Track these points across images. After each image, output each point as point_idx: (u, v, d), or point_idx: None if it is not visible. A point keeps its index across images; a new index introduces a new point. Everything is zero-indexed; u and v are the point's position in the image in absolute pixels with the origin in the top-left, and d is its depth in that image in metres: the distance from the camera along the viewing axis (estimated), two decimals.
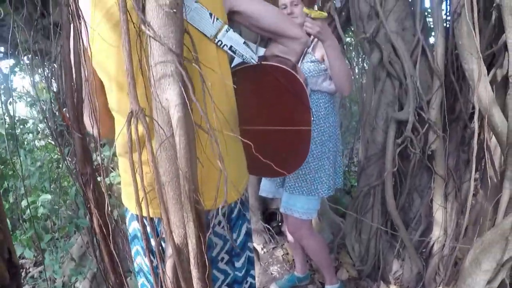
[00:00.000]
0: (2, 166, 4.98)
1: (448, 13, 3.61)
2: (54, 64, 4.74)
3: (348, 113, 8.23)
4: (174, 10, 1.30)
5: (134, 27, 1.30)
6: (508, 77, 2.57)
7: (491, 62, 3.23)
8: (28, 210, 3.75)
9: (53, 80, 5.10)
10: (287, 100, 1.94)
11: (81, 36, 1.37)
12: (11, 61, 6.15)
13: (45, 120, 4.64)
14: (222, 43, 1.70)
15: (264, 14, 1.82)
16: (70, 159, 4.72)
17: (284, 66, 1.87)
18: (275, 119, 1.96)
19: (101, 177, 1.35)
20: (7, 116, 5.28)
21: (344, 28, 4.38)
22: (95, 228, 1.47)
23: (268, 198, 4.40)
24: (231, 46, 1.72)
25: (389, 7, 3.62)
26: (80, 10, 1.32)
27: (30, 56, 5.39)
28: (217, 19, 1.65)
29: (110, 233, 1.46)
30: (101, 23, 1.59)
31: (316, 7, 2.62)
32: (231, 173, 1.77)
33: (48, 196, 3.74)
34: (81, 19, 1.29)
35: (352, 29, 4.34)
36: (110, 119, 1.81)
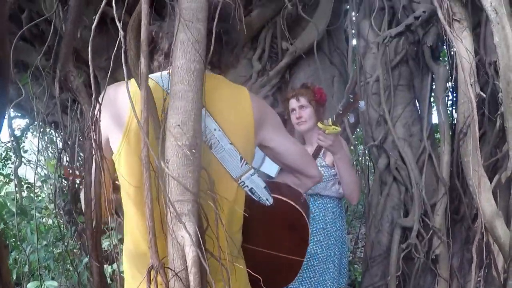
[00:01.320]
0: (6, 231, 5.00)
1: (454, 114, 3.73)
2: (68, 141, 4.80)
3: None
4: (194, 151, 1.37)
5: (152, 166, 1.36)
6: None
7: (495, 164, 3.35)
8: None
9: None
10: (290, 232, 1.99)
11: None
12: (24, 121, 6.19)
13: (54, 198, 4.65)
14: (244, 183, 1.73)
15: (290, 153, 1.91)
16: (76, 240, 4.74)
17: (295, 205, 1.92)
18: (274, 244, 1.99)
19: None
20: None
21: (353, 130, 4.47)
22: None
23: None
24: (251, 188, 1.75)
25: (397, 113, 3.75)
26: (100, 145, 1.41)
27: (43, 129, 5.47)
28: (246, 163, 1.70)
29: None
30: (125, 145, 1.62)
31: (330, 120, 2.67)
32: None
33: (55, 283, 3.76)
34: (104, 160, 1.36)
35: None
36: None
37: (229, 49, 1.79)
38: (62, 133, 4.74)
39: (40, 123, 5.06)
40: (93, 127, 1.34)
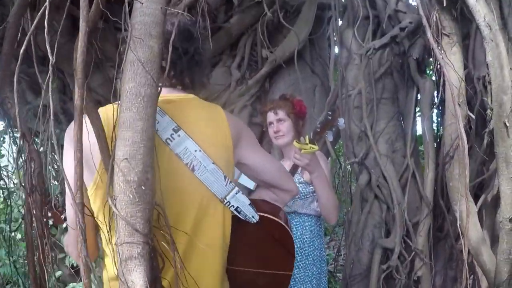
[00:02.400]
0: None
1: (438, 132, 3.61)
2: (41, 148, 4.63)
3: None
4: (143, 187, 1.24)
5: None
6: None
7: (481, 181, 3.25)
8: None
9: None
10: (275, 248, 1.94)
11: None
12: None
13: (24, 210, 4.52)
14: (230, 204, 1.72)
15: (267, 169, 1.90)
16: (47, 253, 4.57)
17: (277, 219, 1.88)
18: (259, 263, 1.94)
19: None
20: None
21: (334, 143, 4.34)
22: None
23: None
24: (237, 207, 1.74)
25: (380, 128, 3.62)
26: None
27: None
28: (230, 182, 1.69)
29: None
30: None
31: (307, 138, 2.54)
32: None
33: None
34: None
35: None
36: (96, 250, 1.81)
37: (202, 69, 1.79)
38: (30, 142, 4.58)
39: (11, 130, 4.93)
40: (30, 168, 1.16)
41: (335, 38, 4.12)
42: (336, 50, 4.29)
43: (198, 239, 1.61)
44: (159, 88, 1.33)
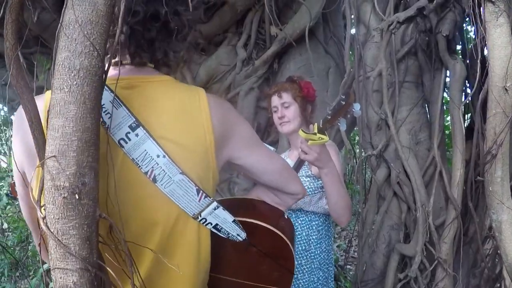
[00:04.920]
0: None
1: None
2: None
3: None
4: (77, 196, 0.99)
5: None
6: None
7: None
8: None
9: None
10: (271, 263, 1.70)
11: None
12: None
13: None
14: (206, 221, 1.41)
15: (266, 171, 1.60)
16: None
17: (277, 231, 1.65)
18: (250, 275, 1.72)
19: None
20: None
21: (348, 130, 4.02)
22: None
23: None
24: (216, 224, 1.44)
25: (402, 116, 3.30)
26: None
27: None
28: (205, 196, 1.35)
29: None
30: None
31: (316, 126, 2.23)
32: None
33: None
34: None
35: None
36: None
37: (181, 37, 1.38)
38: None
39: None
40: None
41: (351, 14, 3.79)
42: (353, 29, 3.97)
43: (164, 267, 1.29)
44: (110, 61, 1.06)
